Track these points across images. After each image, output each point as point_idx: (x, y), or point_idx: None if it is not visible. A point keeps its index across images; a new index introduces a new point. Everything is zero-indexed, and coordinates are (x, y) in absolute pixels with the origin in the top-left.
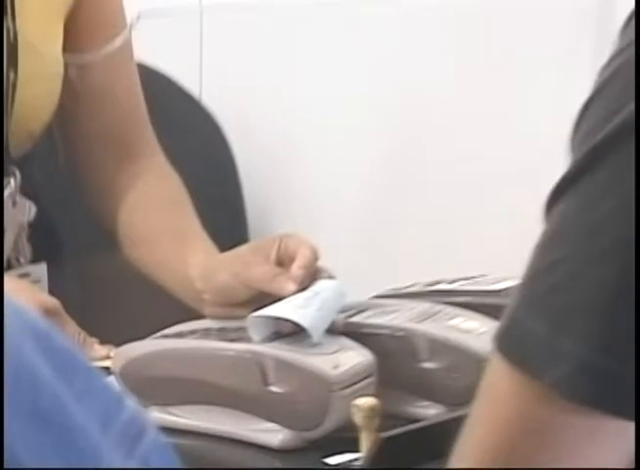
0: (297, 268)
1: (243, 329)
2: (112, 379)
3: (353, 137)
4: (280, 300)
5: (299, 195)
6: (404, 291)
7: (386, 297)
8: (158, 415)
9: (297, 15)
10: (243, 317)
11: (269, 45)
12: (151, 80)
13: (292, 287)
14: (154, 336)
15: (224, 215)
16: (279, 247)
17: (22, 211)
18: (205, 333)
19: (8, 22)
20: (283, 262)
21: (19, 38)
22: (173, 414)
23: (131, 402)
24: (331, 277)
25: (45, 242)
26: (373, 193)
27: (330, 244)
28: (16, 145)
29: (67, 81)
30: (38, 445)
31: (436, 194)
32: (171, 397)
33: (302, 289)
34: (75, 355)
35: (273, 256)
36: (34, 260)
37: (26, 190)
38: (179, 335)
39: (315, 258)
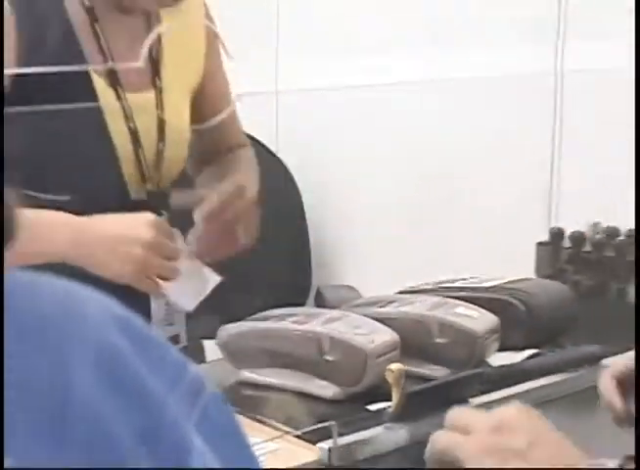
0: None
1: (306, 315)
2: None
3: (389, 180)
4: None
5: (350, 224)
6: (420, 288)
7: (407, 292)
8: (247, 375)
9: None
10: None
11: (327, 117)
12: None
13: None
14: (247, 318)
15: (291, 241)
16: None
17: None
18: (281, 317)
19: (158, 111)
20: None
21: (165, 116)
22: (258, 374)
23: (193, 367)
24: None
25: None
26: (399, 228)
27: (370, 257)
28: (164, 185)
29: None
30: (113, 406)
31: (441, 223)
32: (256, 362)
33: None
34: (150, 333)
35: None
36: None
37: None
38: (264, 318)
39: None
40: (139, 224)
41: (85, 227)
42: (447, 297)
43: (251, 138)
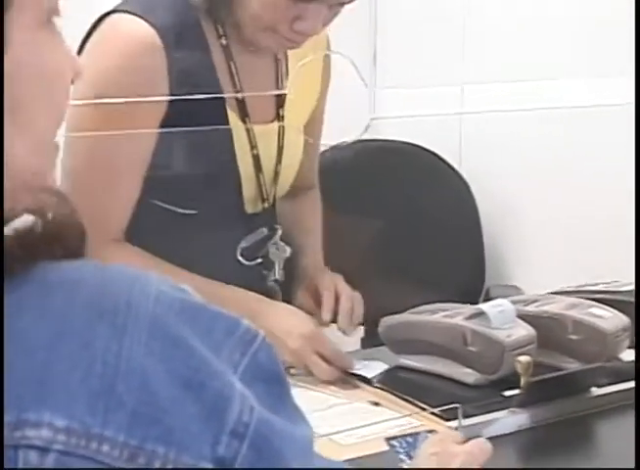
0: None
1: (456, 310)
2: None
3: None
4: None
5: (519, 232)
6: (564, 289)
7: (555, 293)
8: (403, 360)
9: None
10: None
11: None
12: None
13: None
14: (405, 312)
15: (468, 248)
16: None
17: (283, 252)
18: (434, 311)
19: (279, 138)
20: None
21: (285, 142)
22: (412, 360)
23: (245, 321)
24: None
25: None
26: (559, 239)
27: (536, 262)
28: (278, 198)
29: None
30: (160, 364)
31: (597, 237)
32: (411, 349)
33: None
34: (202, 306)
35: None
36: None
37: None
38: (417, 312)
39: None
40: (299, 318)
41: (254, 315)
42: (587, 298)
43: (434, 154)
